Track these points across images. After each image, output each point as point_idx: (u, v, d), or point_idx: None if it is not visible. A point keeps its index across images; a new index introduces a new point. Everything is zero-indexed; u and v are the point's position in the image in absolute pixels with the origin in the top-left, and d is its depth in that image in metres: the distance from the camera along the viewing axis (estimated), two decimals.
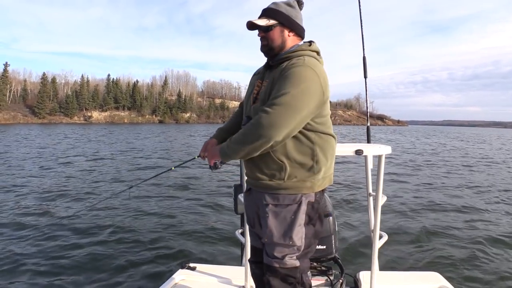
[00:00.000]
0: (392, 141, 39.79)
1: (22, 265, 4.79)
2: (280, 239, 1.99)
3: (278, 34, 2.04)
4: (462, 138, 56.89)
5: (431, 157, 22.26)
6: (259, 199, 2.09)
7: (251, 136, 1.83)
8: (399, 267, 4.80)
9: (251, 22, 2.03)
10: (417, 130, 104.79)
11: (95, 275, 4.49)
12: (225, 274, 3.22)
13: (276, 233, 1.99)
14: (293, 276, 2.01)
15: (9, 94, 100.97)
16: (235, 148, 1.91)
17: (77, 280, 4.37)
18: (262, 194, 2.06)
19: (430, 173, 14.66)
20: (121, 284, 4.30)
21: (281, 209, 2.00)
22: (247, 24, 2.05)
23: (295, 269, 2.01)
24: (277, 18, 2.02)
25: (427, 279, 3.17)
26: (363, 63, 2.95)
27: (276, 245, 2.00)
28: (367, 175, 3.15)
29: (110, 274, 4.54)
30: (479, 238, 6.08)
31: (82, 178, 11.96)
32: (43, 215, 7.17)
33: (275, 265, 2.00)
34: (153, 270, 4.68)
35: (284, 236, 1.98)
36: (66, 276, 4.50)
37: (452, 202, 8.94)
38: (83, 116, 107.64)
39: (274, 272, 2.01)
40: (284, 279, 2.01)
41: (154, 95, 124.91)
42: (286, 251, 2.00)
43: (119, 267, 4.75)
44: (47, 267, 4.76)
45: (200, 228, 6.47)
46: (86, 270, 4.64)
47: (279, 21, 2.03)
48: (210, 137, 2.42)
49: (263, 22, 2.02)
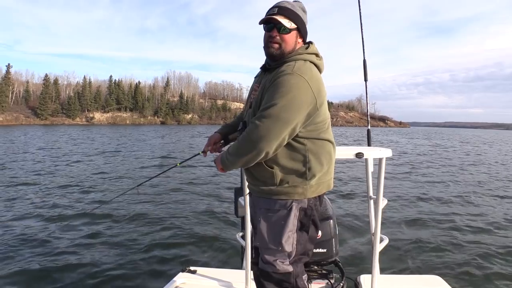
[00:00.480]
0: (393, 142, 39.70)
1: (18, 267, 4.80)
2: (270, 243, 1.99)
3: (294, 39, 1.98)
4: (466, 140, 56.64)
5: (433, 158, 22.23)
6: (256, 203, 2.12)
7: (244, 149, 1.85)
8: (400, 270, 4.80)
9: (275, 19, 1.91)
10: (417, 132, 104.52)
11: (95, 278, 4.49)
12: (226, 278, 3.22)
13: (267, 237, 2.00)
14: (286, 281, 2.01)
15: (12, 95, 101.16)
16: (231, 160, 1.94)
17: (78, 283, 4.36)
18: (258, 198, 2.08)
19: (432, 175, 14.63)
20: (122, 287, 4.30)
21: (273, 214, 2.00)
22: (267, 19, 1.94)
23: (288, 274, 2.01)
24: (297, 23, 1.96)
25: (428, 282, 3.17)
26: (363, 66, 2.95)
27: (266, 250, 2.01)
28: (367, 178, 3.14)
29: (111, 277, 4.54)
30: (480, 242, 6.07)
31: (90, 177, 12.01)
32: (45, 214, 7.18)
33: (267, 270, 2.01)
34: (154, 273, 4.68)
35: (274, 241, 1.98)
36: (65, 278, 4.49)
37: (453, 205, 8.93)
38: (85, 117, 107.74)
39: (268, 277, 2.02)
40: (278, 283, 2.01)
41: (156, 96, 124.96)
42: (276, 256, 1.99)
43: (120, 270, 4.74)
44: (45, 268, 4.75)
45: (201, 231, 6.47)
46: (86, 272, 4.64)
47: (298, 26, 1.97)
48: (215, 131, 2.43)
49: (288, 23, 1.92)
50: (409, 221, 7.38)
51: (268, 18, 1.94)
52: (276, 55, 1.96)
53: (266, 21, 1.96)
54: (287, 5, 1.95)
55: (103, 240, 5.87)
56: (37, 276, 4.59)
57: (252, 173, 2.02)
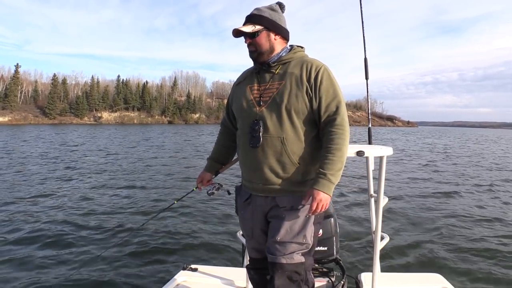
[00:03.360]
0: (396, 140, 39.53)
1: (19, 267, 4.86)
2: (294, 237, 2.03)
3: (265, 38, 2.07)
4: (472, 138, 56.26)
5: (435, 157, 22.08)
6: (267, 205, 2.11)
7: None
8: (401, 268, 4.76)
9: (237, 29, 2.05)
10: (428, 131, 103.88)
11: (96, 276, 4.49)
12: (227, 276, 3.24)
13: (291, 232, 2.03)
14: (299, 272, 2.03)
15: (20, 95, 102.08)
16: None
17: (78, 280, 4.37)
18: (274, 198, 2.08)
19: (433, 173, 14.52)
20: (123, 285, 4.31)
21: (297, 209, 2.04)
22: (233, 32, 2.08)
23: (301, 265, 2.04)
24: (262, 23, 2.06)
25: (428, 280, 3.16)
26: (365, 65, 2.96)
27: (288, 243, 2.03)
28: (368, 177, 3.15)
29: (112, 275, 4.53)
30: (481, 239, 6.02)
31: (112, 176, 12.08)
32: (49, 213, 7.26)
33: (282, 261, 2.01)
34: (155, 272, 4.68)
35: (299, 235, 2.03)
36: (65, 276, 4.50)
37: (454, 203, 8.85)
38: (93, 116, 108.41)
39: (281, 269, 2.02)
40: (289, 276, 2.02)
41: (163, 96, 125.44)
42: (296, 248, 2.04)
43: (120, 268, 4.75)
44: (47, 267, 4.75)
45: (201, 229, 6.46)
46: (87, 270, 4.64)
47: (264, 26, 2.06)
48: (203, 169, 2.49)
49: (249, 29, 2.04)
50: (410, 219, 7.33)
51: (233, 33, 2.08)
52: (256, 57, 2.10)
53: (235, 35, 2.09)
54: (253, 11, 2.10)
55: (103, 238, 5.90)
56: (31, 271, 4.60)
57: (276, 170, 2.03)
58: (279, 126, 1.99)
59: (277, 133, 1.99)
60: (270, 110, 2.01)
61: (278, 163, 2.01)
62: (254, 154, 2.04)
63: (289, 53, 2.11)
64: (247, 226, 2.26)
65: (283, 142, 1.98)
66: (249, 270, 2.38)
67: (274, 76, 2.07)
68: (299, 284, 2.04)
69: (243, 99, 2.14)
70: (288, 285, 2.02)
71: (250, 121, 2.06)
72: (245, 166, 2.17)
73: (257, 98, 2.07)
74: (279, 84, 2.03)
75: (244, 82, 2.20)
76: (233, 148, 2.45)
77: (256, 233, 2.21)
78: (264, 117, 2.01)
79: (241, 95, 2.17)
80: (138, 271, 4.69)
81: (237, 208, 2.38)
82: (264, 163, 2.02)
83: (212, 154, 2.50)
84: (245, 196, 2.23)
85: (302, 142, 2.01)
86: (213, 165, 2.48)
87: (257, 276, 2.31)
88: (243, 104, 2.12)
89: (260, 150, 2.01)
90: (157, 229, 6.42)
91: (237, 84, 2.27)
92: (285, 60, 2.08)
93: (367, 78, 2.99)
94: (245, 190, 2.23)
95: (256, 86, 2.11)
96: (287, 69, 2.05)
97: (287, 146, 1.98)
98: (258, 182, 2.09)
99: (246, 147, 2.08)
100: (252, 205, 2.18)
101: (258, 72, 2.15)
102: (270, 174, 2.04)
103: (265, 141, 2.00)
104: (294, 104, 1.98)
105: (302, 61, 2.07)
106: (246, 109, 2.10)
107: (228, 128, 2.43)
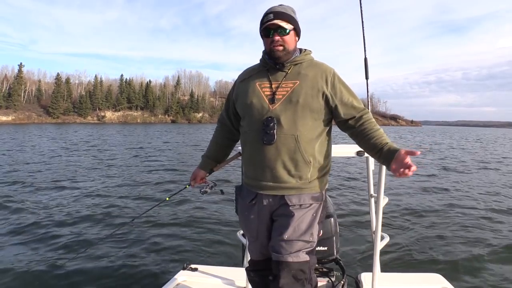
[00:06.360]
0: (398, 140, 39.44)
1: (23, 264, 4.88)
2: (301, 236, 2.03)
3: (293, 38, 2.10)
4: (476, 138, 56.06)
5: (436, 157, 22.02)
6: (275, 203, 2.11)
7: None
8: (401, 268, 4.75)
9: (277, 23, 2.03)
10: (433, 130, 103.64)
11: (96, 276, 4.50)
12: (227, 275, 3.24)
13: (299, 230, 2.03)
14: (304, 270, 2.03)
15: (24, 94, 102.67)
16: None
17: (78, 280, 4.39)
18: (283, 196, 2.08)
19: (434, 173, 14.47)
20: (123, 285, 4.32)
21: (305, 207, 2.07)
22: (269, 24, 2.04)
23: (306, 263, 2.05)
24: (292, 23, 2.08)
25: (429, 280, 3.16)
26: (365, 64, 2.94)
27: (295, 241, 2.03)
28: (368, 177, 3.15)
29: (111, 275, 4.54)
30: (482, 240, 6.00)
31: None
32: (50, 211, 7.29)
33: (288, 260, 2.00)
34: (155, 271, 4.68)
35: (306, 233, 2.04)
36: (66, 276, 4.52)
37: (454, 203, 8.83)
38: (96, 116, 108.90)
39: (287, 267, 2.00)
40: (295, 275, 2.01)
41: (166, 95, 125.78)
42: (302, 247, 2.04)
43: (120, 268, 4.75)
44: (47, 267, 4.75)
45: (202, 229, 6.47)
46: (88, 270, 4.65)
47: (294, 27, 2.09)
48: (197, 167, 2.49)
49: (288, 26, 2.06)
50: (410, 219, 7.33)
51: (269, 25, 2.04)
52: (283, 56, 2.06)
53: (268, 28, 2.05)
54: (280, 9, 2.07)
55: (102, 237, 5.91)
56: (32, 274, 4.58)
57: (288, 168, 2.02)
58: (293, 124, 1.99)
59: (291, 130, 1.99)
60: (285, 108, 2.00)
61: (292, 160, 2.01)
62: (266, 151, 2.01)
63: (300, 55, 2.15)
64: (252, 228, 2.22)
65: (297, 139, 1.99)
66: (249, 272, 2.35)
67: (287, 76, 2.08)
68: (303, 283, 2.03)
69: (252, 96, 2.10)
70: (293, 284, 2.00)
71: (262, 118, 2.03)
72: (252, 165, 2.12)
73: (270, 95, 2.05)
74: (293, 83, 2.04)
75: (251, 79, 2.17)
76: (229, 147, 2.45)
77: (262, 234, 2.18)
78: (279, 114, 2.00)
79: (249, 92, 2.13)
80: (138, 271, 4.69)
81: (238, 208, 2.36)
82: (277, 161, 2.01)
83: (207, 151, 2.49)
84: (249, 197, 2.18)
85: (314, 140, 2.04)
86: (208, 162, 2.47)
87: (258, 277, 2.29)
88: (253, 101, 2.09)
89: (274, 147, 1.99)
90: (157, 229, 6.44)
91: (241, 81, 2.23)
92: (297, 62, 2.11)
93: (367, 78, 2.98)
94: (250, 190, 2.19)
95: (268, 83, 2.10)
96: (300, 70, 2.08)
97: (300, 144, 1.99)
98: (268, 181, 2.07)
99: (257, 145, 2.04)
100: (258, 205, 2.15)
101: (268, 70, 2.14)
102: (282, 172, 2.03)
103: (279, 139, 1.99)
104: (309, 103, 2.00)
105: (313, 63, 2.14)
106: (257, 106, 2.07)
107: (226, 126, 2.40)
